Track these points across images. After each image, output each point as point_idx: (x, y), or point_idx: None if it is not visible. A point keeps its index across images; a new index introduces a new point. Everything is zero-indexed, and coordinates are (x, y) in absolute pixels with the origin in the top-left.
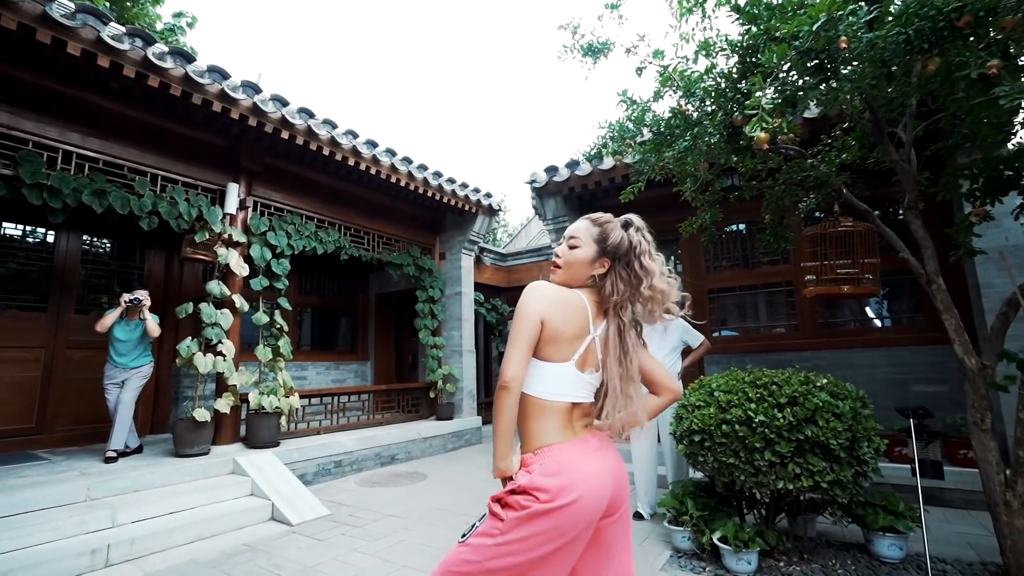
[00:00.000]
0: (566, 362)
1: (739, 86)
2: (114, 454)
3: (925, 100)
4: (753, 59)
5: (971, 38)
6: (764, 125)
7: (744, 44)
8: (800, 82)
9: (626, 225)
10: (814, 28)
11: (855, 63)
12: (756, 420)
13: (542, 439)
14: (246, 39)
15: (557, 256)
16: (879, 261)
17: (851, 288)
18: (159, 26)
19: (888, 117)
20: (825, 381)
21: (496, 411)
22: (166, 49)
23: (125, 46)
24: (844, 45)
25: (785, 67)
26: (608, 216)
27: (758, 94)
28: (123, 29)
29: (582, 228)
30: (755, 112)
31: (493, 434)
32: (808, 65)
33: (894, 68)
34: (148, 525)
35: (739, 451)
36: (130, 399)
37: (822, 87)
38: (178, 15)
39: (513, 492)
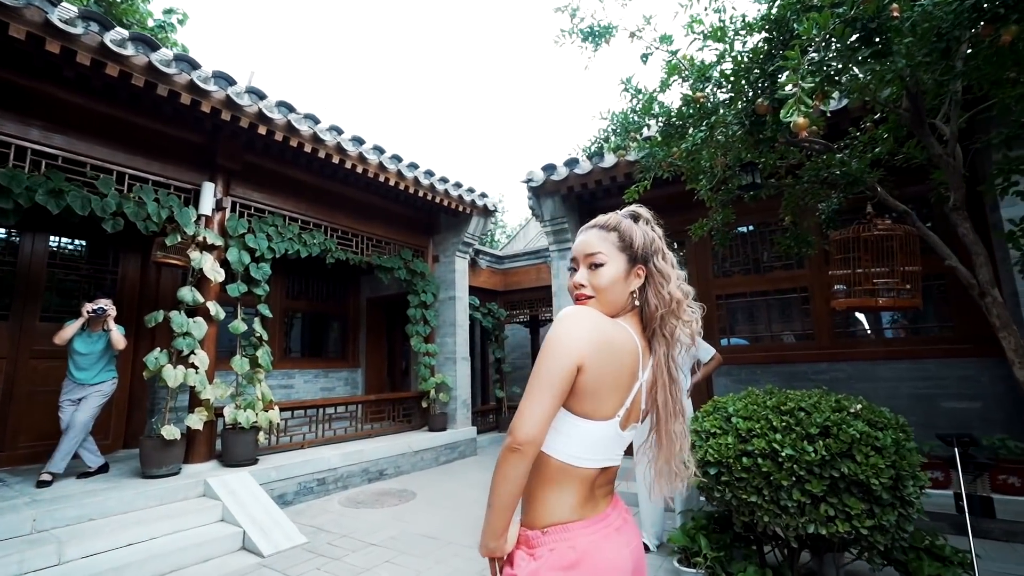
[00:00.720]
0: (608, 420)
1: (765, 67)
2: (49, 478)
3: (969, 87)
4: (782, 36)
5: None
6: (803, 108)
7: (772, 17)
8: (839, 61)
9: (635, 218)
10: None
11: (902, 39)
12: (783, 454)
13: (556, 514)
14: (241, 39)
15: (580, 286)
16: (920, 269)
17: (888, 301)
18: (150, 23)
19: (928, 106)
20: (860, 407)
21: (499, 479)
22: (127, 35)
23: (78, 30)
24: (896, 14)
25: (822, 43)
26: (614, 216)
27: (786, 75)
28: (75, 11)
29: (597, 240)
30: (791, 94)
31: (489, 504)
32: (853, 37)
33: (951, 43)
34: (100, 561)
35: (762, 488)
36: (84, 420)
37: (871, 62)
38: (168, 12)
39: None
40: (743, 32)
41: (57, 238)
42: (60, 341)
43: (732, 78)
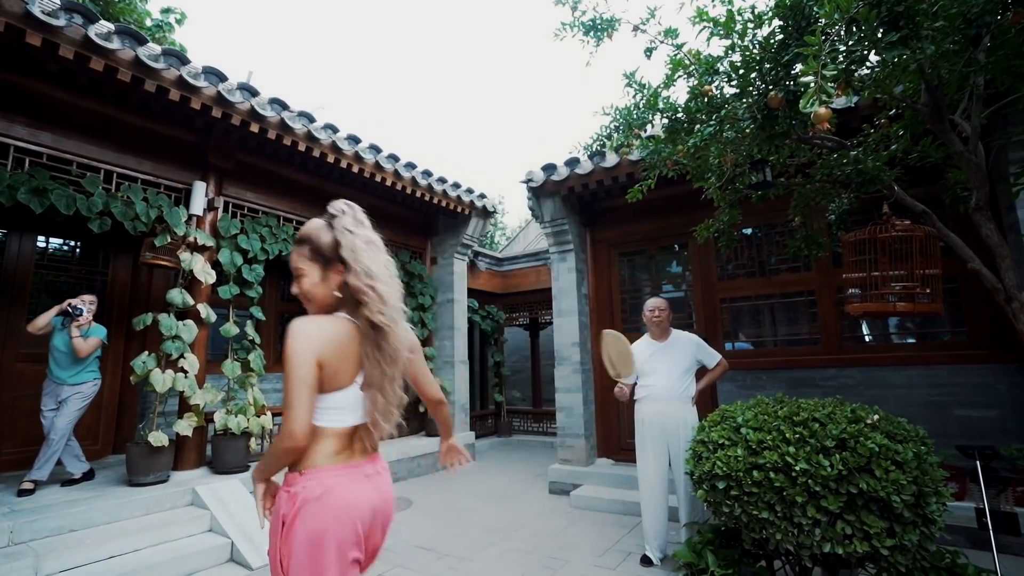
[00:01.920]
0: (349, 387)
1: (778, 57)
2: (31, 486)
3: (991, 81)
4: (798, 23)
5: None
6: (824, 97)
7: (787, 3)
8: (862, 47)
9: (329, 218)
10: None
11: (932, 23)
12: (797, 468)
13: (314, 461)
14: (240, 39)
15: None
16: (940, 272)
17: (906, 305)
18: (148, 23)
19: (948, 101)
20: (877, 417)
21: (275, 459)
22: (112, 28)
23: (60, 22)
24: None
25: (843, 28)
26: (305, 228)
27: (799, 68)
28: (58, 2)
29: (295, 256)
30: (809, 82)
31: (267, 463)
32: (879, 19)
33: (980, 30)
34: (78, 575)
35: (775, 504)
36: (64, 425)
37: (898, 48)
38: (166, 11)
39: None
40: (752, 24)
41: (45, 238)
42: (33, 329)
43: (741, 71)
